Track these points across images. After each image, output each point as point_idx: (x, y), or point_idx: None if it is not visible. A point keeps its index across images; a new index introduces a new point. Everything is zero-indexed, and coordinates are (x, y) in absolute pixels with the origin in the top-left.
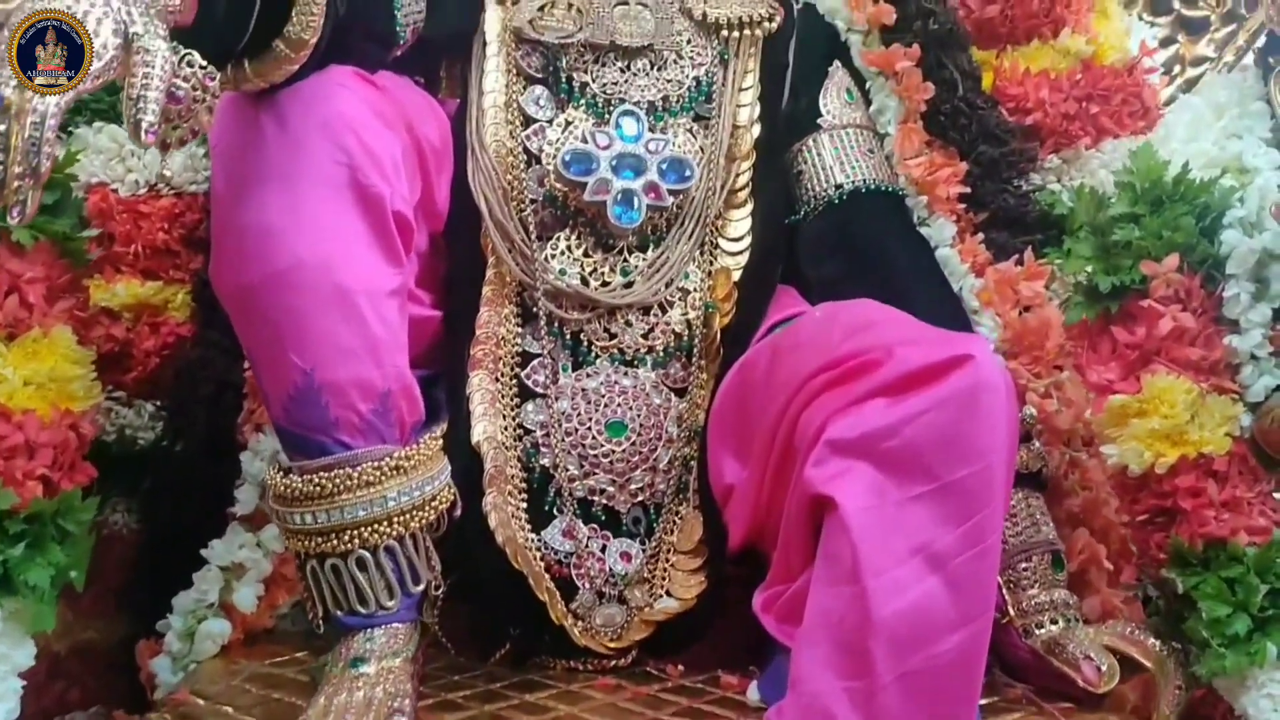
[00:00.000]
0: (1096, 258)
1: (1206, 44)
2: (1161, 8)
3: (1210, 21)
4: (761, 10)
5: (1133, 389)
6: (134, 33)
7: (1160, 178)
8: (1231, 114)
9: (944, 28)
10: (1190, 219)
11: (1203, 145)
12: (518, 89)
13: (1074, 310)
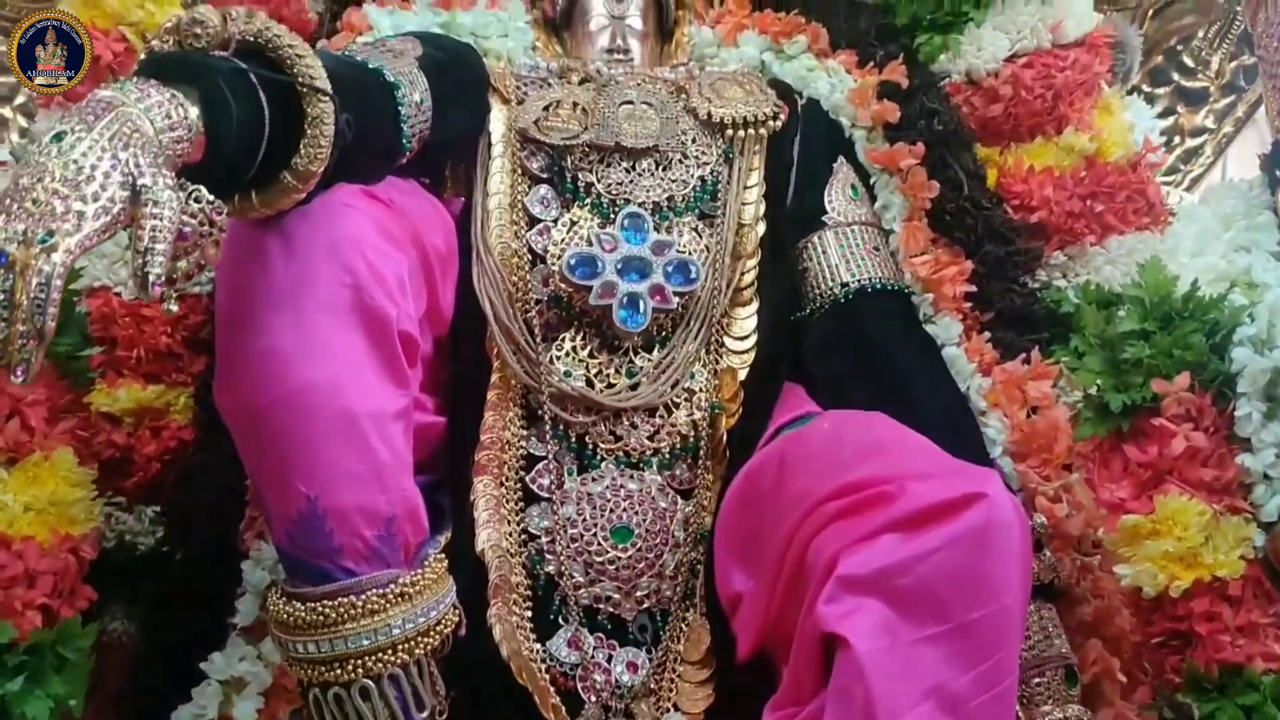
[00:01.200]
0: (1106, 372)
1: (1205, 115)
2: (1161, 79)
3: (1209, 93)
4: (766, 109)
5: (1145, 509)
6: (142, 184)
7: (1169, 293)
8: (1239, 225)
9: (948, 127)
10: (1200, 336)
11: (1211, 259)
12: (523, 189)
13: (1085, 426)
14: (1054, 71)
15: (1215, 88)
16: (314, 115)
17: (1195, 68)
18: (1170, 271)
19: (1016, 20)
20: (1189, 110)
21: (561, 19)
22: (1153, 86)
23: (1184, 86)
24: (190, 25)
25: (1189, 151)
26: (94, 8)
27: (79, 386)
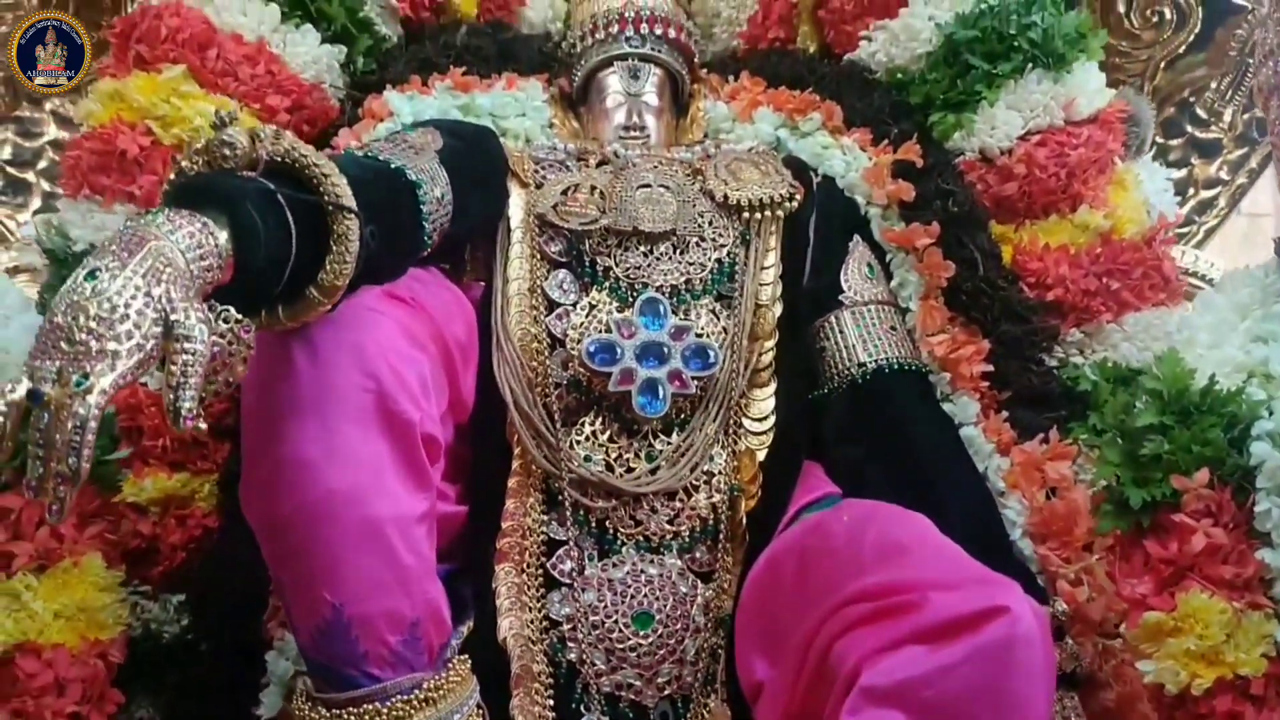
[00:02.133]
0: (1125, 464)
1: (1219, 167)
2: (1173, 131)
3: (1223, 144)
4: (782, 190)
5: (1167, 605)
6: (175, 320)
7: (1187, 387)
8: (1255, 315)
9: (963, 208)
10: (1219, 431)
11: (1228, 350)
12: (541, 274)
13: (1105, 520)
14: (1068, 149)
15: (1229, 139)
16: (340, 233)
17: (1208, 119)
18: (1187, 364)
19: (1029, 98)
20: (1203, 161)
21: (578, 95)
22: (1165, 138)
23: (1197, 138)
24: (219, 146)
25: (1203, 203)
26: (120, 101)
27: (108, 490)
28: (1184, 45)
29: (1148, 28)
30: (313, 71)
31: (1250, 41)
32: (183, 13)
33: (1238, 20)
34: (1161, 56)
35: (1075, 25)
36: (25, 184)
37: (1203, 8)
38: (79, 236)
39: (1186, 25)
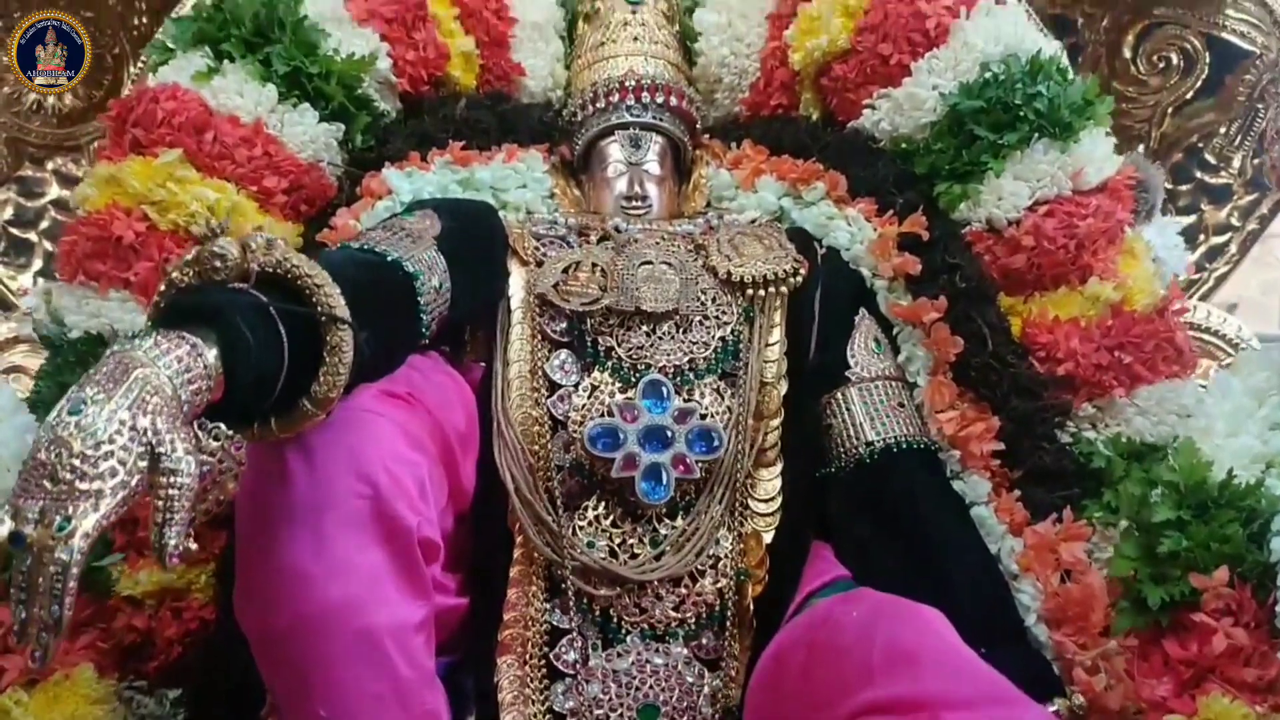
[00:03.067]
0: (1143, 560)
1: (1230, 212)
2: (1183, 176)
3: (1233, 190)
4: (786, 265)
5: (1188, 708)
6: (160, 453)
7: (1204, 480)
8: (1272, 401)
9: (970, 282)
10: (1238, 526)
11: (1245, 440)
12: (543, 355)
13: (1123, 618)
14: (1076, 220)
15: (1238, 184)
16: (333, 344)
17: (1217, 165)
18: (1204, 454)
19: (1036, 168)
20: (1213, 206)
21: (580, 163)
22: (1175, 184)
23: (1206, 183)
24: (210, 258)
25: (1213, 249)
26: (116, 186)
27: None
28: (1192, 91)
29: (1154, 74)
30: (310, 150)
31: (1259, 87)
32: (179, 96)
33: (1246, 66)
34: (1169, 102)
35: (1081, 93)
36: (28, 244)
37: (1210, 53)
38: (74, 323)
39: (1194, 71)
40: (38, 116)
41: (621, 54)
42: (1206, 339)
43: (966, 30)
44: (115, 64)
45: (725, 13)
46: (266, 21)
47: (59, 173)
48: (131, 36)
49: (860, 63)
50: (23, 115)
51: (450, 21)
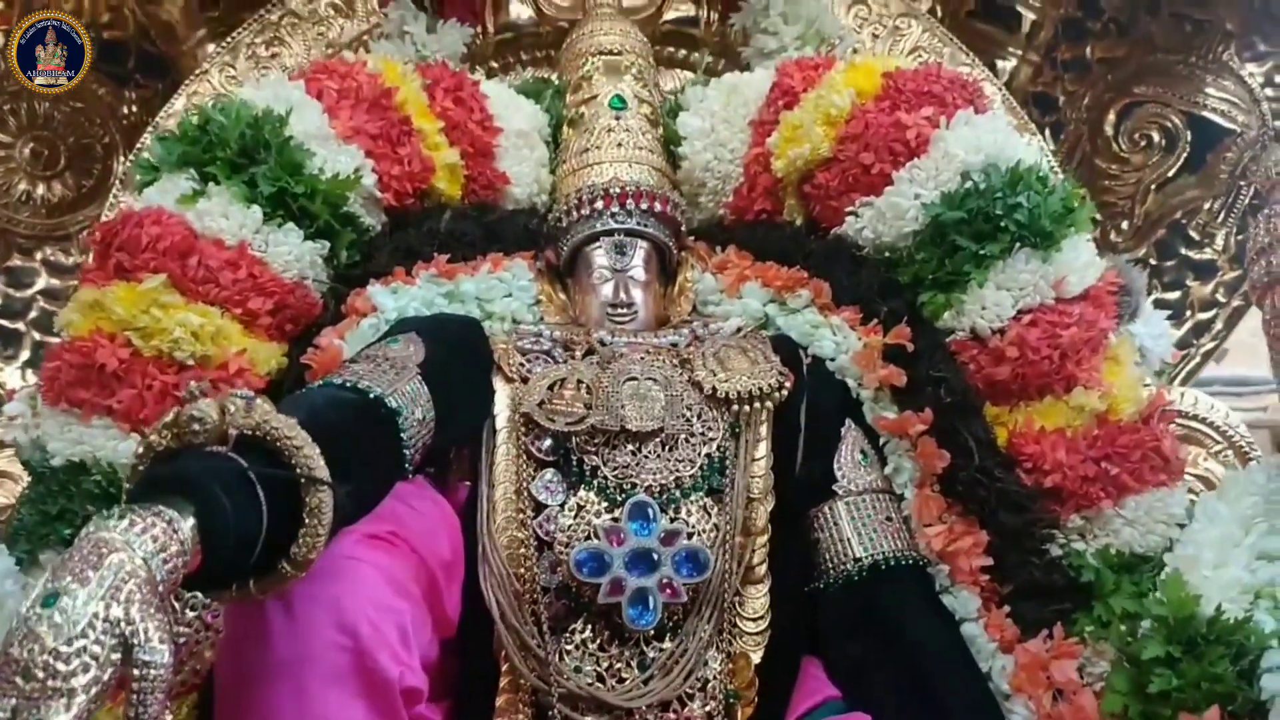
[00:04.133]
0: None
1: (1215, 288)
2: (1167, 252)
3: (1218, 265)
4: (770, 380)
5: None
6: (134, 643)
7: (1193, 615)
8: (1259, 529)
9: (955, 396)
10: (1228, 663)
11: (1234, 571)
12: (528, 474)
13: None
14: (1059, 330)
15: (1223, 260)
16: (313, 506)
17: (1202, 240)
18: (1192, 588)
19: (1019, 278)
20: (1199, 282)
21: (565, 267)
22: (1160, 259)
23: (1191, 259)
24: (189, 422)
25: (1200, 325)
26: (99, 311)
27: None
28: (1174, 168)
29: (1136, 151)
30: (296, 269)
31: (1240, 164)
32: (163, 220)
33: (1227, 144)
34: (1151, 179)
35: (1062, 201)
36: (16, 335)
37: (1191, 131)
38: (56, 450)
39: (1176, 148)
40: (26, 207)
41: (606, 160)
42: (1195, 426)
43: (947, 140)
44: (105, 153)
45: (708, 118)
46: (252, 142)
47: (48, 262)
48: (121, 126)
49: (843, 171)
50: (11, 206)
51: (435, 134)
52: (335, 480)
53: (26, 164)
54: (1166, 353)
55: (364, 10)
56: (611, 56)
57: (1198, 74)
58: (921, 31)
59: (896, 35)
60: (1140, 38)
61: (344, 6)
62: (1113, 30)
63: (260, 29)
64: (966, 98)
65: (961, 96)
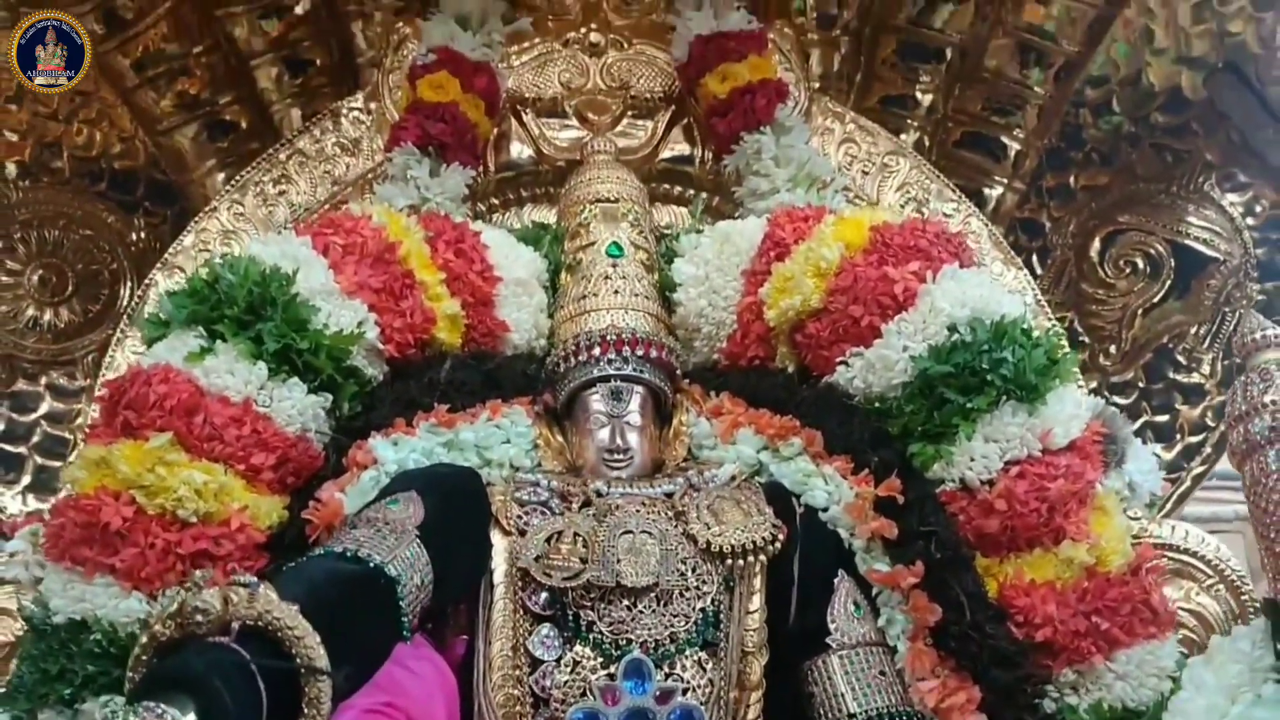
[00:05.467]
0: None
1: (1203, 412)
2: (1155, 376)
3: (1205, 389)
4: (764, 532)
5: None
6: None
7: None
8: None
9: (946, 550)
10: None
11: None
12: (525, 630)
13: None
14: (1047, 482)
15: (1211, 384)
16: (312, 696)
17: (1189, 365)
18: None
19: (1005, 430)
20: (1187, 405)
21: (563, 410)
22: (1148, 382)
23: (1179, 382)
24: (192, 613)
25: (1189, 449)
26: (105, 470)
27: None
28: (1160, 294)
29: (1121, 277)
30: (299, 424)
31: (1224, 292)
32: (171, 378)
33: (1211, 271)
34: (1138, 305)
35: (1046, 354)
36: (18, 459)
37: (1175, 258)
38: (58, 607)
39: (1160, 275)
40: (33, 333)
41: (603, 307)
42: (1186, 560)
43: (934, 294)
44: (112, 279)
45: (703, 266)
46: (259, 300)
47: (53, 386)
48: (129, 253)
49: (833, 322)
50: (18, 332)
51: (437, 286)
52: (334, 662)
53: (34, 290)
54: (1157, 486)
55: (369, 149)
56: (609, 204)
57: (1180, 203)
58: (909, 168)
59: (885, 172)
60: (1122, 167)
61: (350, 146)
62: (1096, 160)
63: (268, 167)
64: (952, 251)
65: (947, 250)
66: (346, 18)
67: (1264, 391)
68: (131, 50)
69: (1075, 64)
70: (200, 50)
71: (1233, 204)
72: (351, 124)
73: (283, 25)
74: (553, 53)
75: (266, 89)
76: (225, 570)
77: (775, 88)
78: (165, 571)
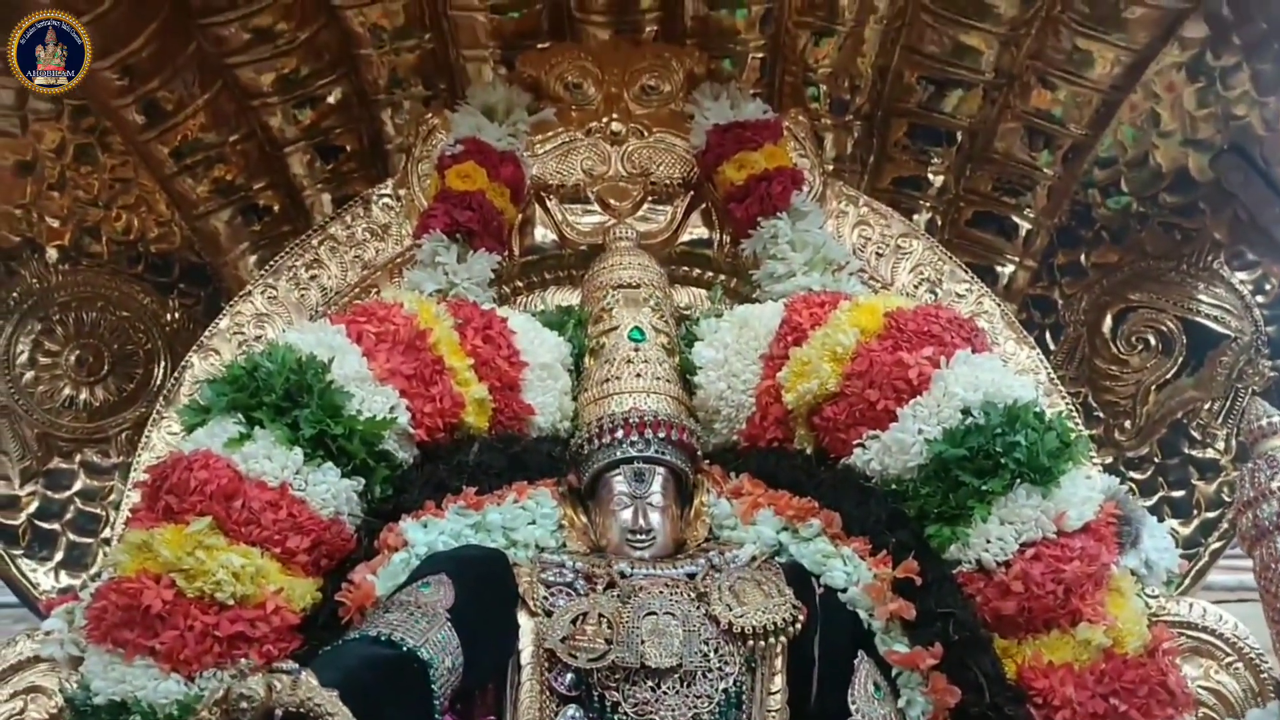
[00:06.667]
0: None
1: (1219, 488)
2: (1170, 451)
3: (1220, 464)
4: (785, 613)
5: None
6: None
7: None
8: None
9: (964, 632)
10: None
11: None
12: (551, 711)
13: None
14: (1062, 564)
15: (1226, 460)
16: None
17: (1204, 440)
18: None
19: (1020, 513)
20: (1203, 481)
21: (586, 490)
22: (1164, 458)
23: (1195, 457)
24: (238, 699)
25: (1207, 524)
26: (146, 553)
27: None
28: (1172, 370)
29: (1134, 353)
30: (333, 507)
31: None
32: (211, 464)
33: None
34: (1151, 380)
35: (1059, 436)
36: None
37: (1187, 335)
38: (99, 689)
39: (1173, 351)
40: (69, 412)
41: (626, 390)
42: (1204, 638)
43: (947, 379)
44: (146, 359)
45: (722, 350)
46: (296, 387)
47: (86, 464)
48: (164, 333)
49: (849, 406)
50: (54, 411)
51: (465, 371)
52: None
53: (71, 370)
54: (1173, 564)
55: (398, 234)
56: (630, 290)
57: (1189, 280)
58: (923, 250)
59: (899, 254)
60: (1132, 245)
61: (379, 231)
62: (1106, 238)
63: (301, 252)
64: (964, 336)
65: (959, 335)
66: (376, 106)
67: (1271, 478)
68: (170, 139)
69: (1083, 146)
70: (236, 138)
71: (1242, 281)
72: (381, 210)
73: (315, 114)
74: (575, 141)
75: (299, 174)
76: (261, 653)
77: (790, 175)
78: (203, 654)
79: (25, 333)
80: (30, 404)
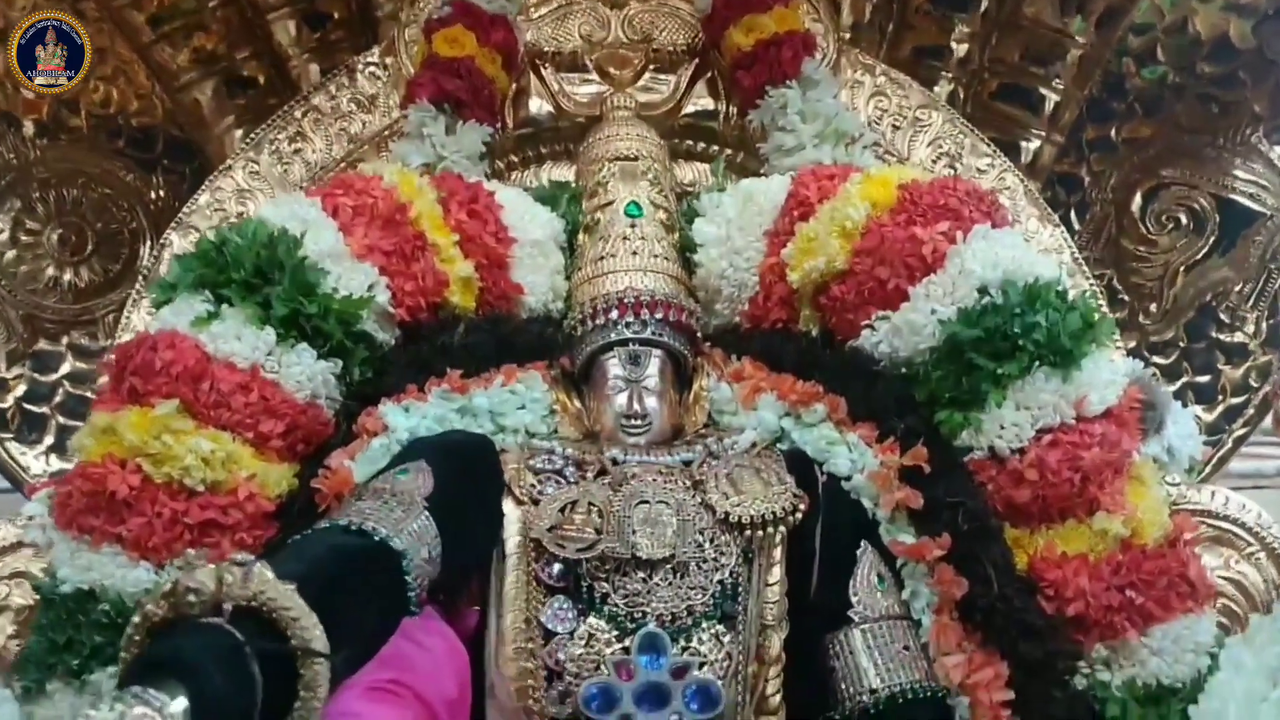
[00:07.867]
0: None
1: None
2: (1196, 334)
3: (1249, 349)
4: (785, 503)
5: None
6: None
7: None
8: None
9: (973, 521)
10: None
11: None
12: (538, 601)
13: None
14: (1081, 451)
15: (1255, 344)
16: (308, 679)
17: (1232, 324)
18: None
19: (1038, 397)
20: (1230, 366)
21: (580, 374)
22: (1190, 342)
23: (1222, 341)
24: (185, 593)
25: (1231, 410)
26: (112, 437)
27: None
28: (1203, 250)
29: (1164, 233)
30: (308, 390)
31: (1271, 248)
32: (177, 344)
33: (1257, 227)
34: (1180, 261)
35: (1082, 317)
36: (41, 419)
37: (1220, 214)
38: (65, 577)
39: (1205, 231)
40: (53, 293)
41: (621, 269)
42: (1225, 527)
43: (964, 256)
44: (131, 238)
45: (724, 225)
46: (267, 263)
47: (74, 346)
48: (148, 211)
49: (858, 284)
50: (39, 292)
51: (450, 248)
52: (336, 641)
53: (54, 250)
54: (1196, 451)
55: (385, 105)
56: (628, 162)
57: (1225, 156)
58: (942, 122)
59: (917, 127)
60: (1166, 119)
61: (366, 102)
62: (1138, 111)
63: (284, 124)
64: (984, 211)
65: (978, 210)
66: None
67: None
68: (147, 5)
69: (1118, 11)
70: (215, 4)
71: None
72: (368, 80)
73: None
74: (572, 5)
75: (283, 43)
76: (234, 541)
77: (802, 40)
78: (173, 541)
79: (4, 210)
80: (13, 284)
